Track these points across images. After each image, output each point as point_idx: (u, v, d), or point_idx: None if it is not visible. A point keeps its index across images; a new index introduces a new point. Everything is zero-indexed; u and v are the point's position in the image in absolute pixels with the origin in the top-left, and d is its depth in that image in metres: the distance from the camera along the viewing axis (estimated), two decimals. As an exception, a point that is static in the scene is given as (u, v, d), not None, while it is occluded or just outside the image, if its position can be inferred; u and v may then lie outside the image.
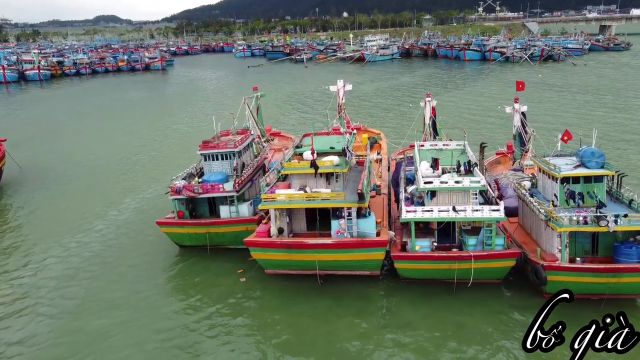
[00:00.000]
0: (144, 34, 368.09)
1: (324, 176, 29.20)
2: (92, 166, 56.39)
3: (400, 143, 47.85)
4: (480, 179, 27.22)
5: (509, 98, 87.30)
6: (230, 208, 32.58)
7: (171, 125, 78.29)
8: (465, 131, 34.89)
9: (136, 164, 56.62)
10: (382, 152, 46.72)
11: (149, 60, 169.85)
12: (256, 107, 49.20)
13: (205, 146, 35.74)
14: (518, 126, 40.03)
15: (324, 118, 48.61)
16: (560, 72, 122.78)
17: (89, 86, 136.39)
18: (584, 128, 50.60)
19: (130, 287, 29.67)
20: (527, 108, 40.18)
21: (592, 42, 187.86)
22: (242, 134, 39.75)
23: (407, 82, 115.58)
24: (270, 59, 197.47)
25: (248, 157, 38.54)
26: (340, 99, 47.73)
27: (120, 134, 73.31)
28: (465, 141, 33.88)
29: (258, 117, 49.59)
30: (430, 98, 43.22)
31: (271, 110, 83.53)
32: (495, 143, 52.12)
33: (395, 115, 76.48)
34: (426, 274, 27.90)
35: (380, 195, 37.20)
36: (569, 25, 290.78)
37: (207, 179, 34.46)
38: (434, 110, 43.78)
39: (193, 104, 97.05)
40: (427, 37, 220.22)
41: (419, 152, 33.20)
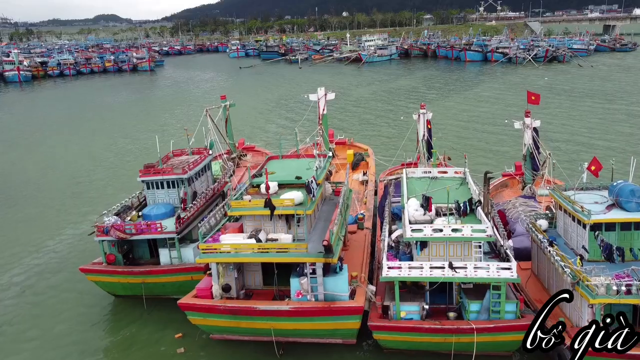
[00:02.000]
0: (138, 33, 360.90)
1: (284, 218, 22.67)
2: (38, 187, 49.19)
3: (391, 161, 41.26)
4: (486, 226, 20.65)
5: (514, 104, 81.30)
6: (172, 252, 26.08)
7: (138, 136, 69.91)
8: (465, 156, 28.30)
9: (86, 185, 48.82)
10: (369, 171, 40.19)
11: (136, 60, 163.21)
12: (225, 118, 42.69)
13: (147, 171, 29.17)
14: (529, 145, 33.54)
15: (307, 132, 42.15)
16: (567, 75, 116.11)
17: (69, 89, 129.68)
18: (613, 154, 42.82)
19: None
20: (540, 123, 33.59)
21: (598, 42, 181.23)
22: (199, 153, 33.25)
23: (405, 85, 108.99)
24: (264, 59, 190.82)
25: (204, 182, 32.03)
26: (322, 109, 41.20)
27: (81, 147, 65.22)
28: (466, 168, 27.32)
29: (227, 130, 43.10)
30: (424, 110, 36.73)
31: (253, 118, 76.88)
32: (500, 160, 45.56)
33: (388, 124, 69.87)
34: (415, 345, 21.44)
35: (363, 229, 30.77)
36: (572, 25, 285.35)
37: (147, 213, 27.96)
38: (429, 124, 37.28)
39: (171, 110, 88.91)
40: (426, 37, 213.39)
41: (407, 182, 26.63)
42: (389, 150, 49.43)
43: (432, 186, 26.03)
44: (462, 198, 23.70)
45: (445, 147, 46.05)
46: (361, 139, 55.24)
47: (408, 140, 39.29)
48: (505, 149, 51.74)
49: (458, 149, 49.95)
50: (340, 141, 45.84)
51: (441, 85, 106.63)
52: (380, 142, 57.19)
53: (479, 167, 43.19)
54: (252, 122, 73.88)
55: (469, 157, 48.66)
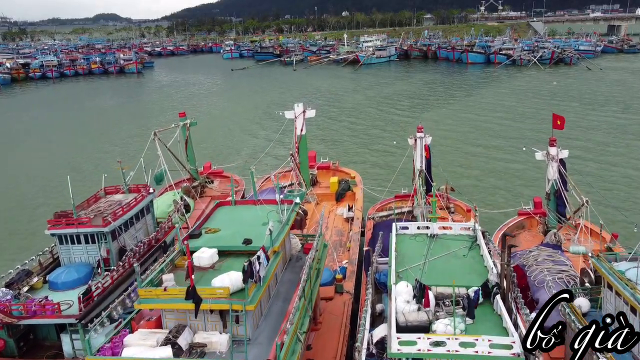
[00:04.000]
0: (133, 33, 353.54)
1: (217, 313, 15.76)
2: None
3: (383, 192, 34.33)
4: (511, 339, 13.62)
5: (524, 113, 73.56)
6: (75, 341, 19.22)
7: (93, 156, 58.18)
8: (476, 208, 21.36)
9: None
10: (355, 205, 33.25)
11: (123, 62, 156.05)
12: (185, 139, 35.73)
13: (58, 222, 22.29)
14: (555, 180, 26.60)
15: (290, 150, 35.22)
16: (577, 79, 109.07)
17: (48, 93, 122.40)
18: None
19: None
20: (568, 154, 26.64)
21: (605, 43, 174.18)
22: (137, 191, 26.36)
23: (403, 90, 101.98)
24: (258, 60, 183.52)
25: (141, 230, 25.13)
26: (299, 130, 34.28)
27: (20, 167, 55.83)
28: (476, 224, 20.36)
29: (188, 153, 36.15)
30: (422, 133, 29.77)
31: (236, 130, 69.43)
32: (514, 192, 38.49)
33: (381, 140, 60.58)
34: None
35: (342, 294, 23.95)
36: (576, 25, 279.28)
37: (53, 280, 21.10)
38: (427, 151, 30.36)
39: (145, 120, 77.95)
40: (427, 37, 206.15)
41: (397, 243, 19.65)
42: (380, 176, 42.51)
43: (431, 251, 19.09)
44: (473, 277, 16.81)
45: (447, 170, 39.20)
46: (349, 160, 48.38)
47: (402, 169, 32.37)
48: (520, 175, 44.41)
49: (461, 173, 43.08)
50: (324, 165, 38.88)
51: (442, 90, 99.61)
52: (371, 164, 50.06)
53: (487, 202, 36.32)
54: (233, 135, 66.80)
55: (474, 186, 41.54)
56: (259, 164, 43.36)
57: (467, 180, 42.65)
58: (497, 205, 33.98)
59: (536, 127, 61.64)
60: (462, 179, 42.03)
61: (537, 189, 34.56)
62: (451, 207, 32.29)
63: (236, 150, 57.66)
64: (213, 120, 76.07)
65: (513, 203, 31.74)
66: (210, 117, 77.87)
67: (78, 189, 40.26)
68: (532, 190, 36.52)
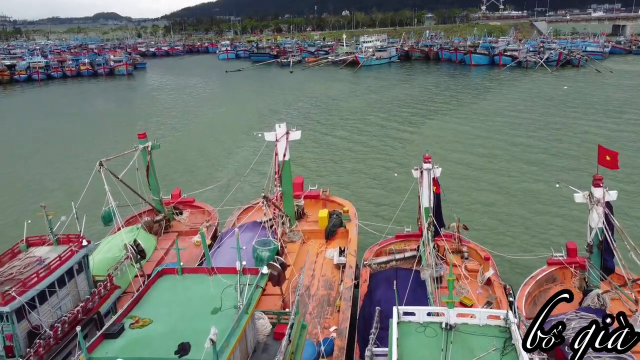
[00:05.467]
0: (129, 33, 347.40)
1: None
2: None
3: (385, 229, 28.56)
4: None
5: (538, 123, 65.88)
6: None
7: (41, 183, 48.59)
8: (509, 290, 15.60)
9: None
10: (348, 247, 27.49)
11: (113, 63, 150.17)
12: (145, 165, 30.00)
13: (-55, 298, 16.61)
14: (601, 229, 20.91)
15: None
16: (587, 82, 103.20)
17: (32, 97, 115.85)
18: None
19: None
20: (616, 195, 20.90)
21: (613, 44, 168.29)
22: (66, 242, 20.69)
23: (404, 95, 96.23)
24: (254, 61, 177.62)
25: (68, 298, 19.44)
26: (282, 154, 28.57)
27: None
28: (508, 311, 14.63)
29: (150, 181, 30.41)
30: (430, 164, 24.08)
31: (218, 146, 60.49)
32: (542, 235, 32.34)
33: (381, 162, 50.95)
34: None
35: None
36: (580, 24, 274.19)
37: None
38: (437, 185, 24.66)
39: (124, 131, 67.38)
40: (428, 37, 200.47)
41: (399, 337, 13.99)
42: (378, 208, 36.55)
43: (448, 352, 13.41)
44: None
45: (456, 201, 33.53)
46: (342, 186, 41.61)
47: (406, 204, 26.68)
48: (549, 212, 35.88)
49: (473, 206, 36.91)
50: (312, 194, 33.05)
51: (447, 96, 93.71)
52: (368, 193, 41.82)
53: (507, 244, 30.35)
54: (216, 150, 59.01)
55: (489, 226, 33.90)
56: (240, 187, 37.83)
57: (480, 214, 35.96)
58: (519, 247, 28.23)
59: (557, 143, 54.75)
60: (475, 213, 35.64)
61: (571, 232, 28.69)
62: (464, 251, 26.66)
63: (218, 169, 51.06)
64: (196, 132, 69.25)
65: (541, 248, 25.98)
66: (193, 130, 71.09)
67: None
68: (564, 233, 30.52)
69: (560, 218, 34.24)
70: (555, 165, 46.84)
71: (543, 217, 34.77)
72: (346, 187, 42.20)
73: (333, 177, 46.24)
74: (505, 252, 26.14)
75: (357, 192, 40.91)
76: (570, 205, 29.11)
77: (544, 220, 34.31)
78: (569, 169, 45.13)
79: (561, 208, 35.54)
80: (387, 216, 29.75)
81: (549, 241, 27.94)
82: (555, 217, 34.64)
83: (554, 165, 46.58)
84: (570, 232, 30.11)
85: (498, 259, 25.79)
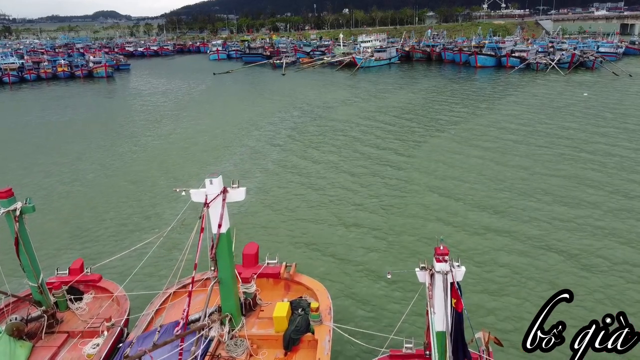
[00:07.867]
0: (122, 31, 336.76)
1: None
2: None
3: (374, 340, 18.48)
4: None
5: (563, 139, 51.00)
6: None
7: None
8: None
9: None
10: (318, 356, 17.46)
11: (93, 65, 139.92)
12: (14, 236, 19.97)
13: None
14: None
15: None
16: (607, 87, 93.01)
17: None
18: None
19: None
20: None
21: (627, 44, 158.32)
22: None
23: (404, 103, 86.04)
24: (246, 62, 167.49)
25: None
26: (215, 227, 18.52)
27: None
28: None
29: (21, 257, 20.35)
30: (446, 264, 14.07)
31: (151, 184, 44.13)
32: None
33: (372, 214, 34.18)
34: None
35: None
36: (587, 23, 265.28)
37: None
38: (456, 296, 14.59)
39: (71, 148, 57.32)
40: (430, 37, 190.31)
41: None
42: (369, 300, 25.93)
43: None
44: None
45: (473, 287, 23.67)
46: (316, 257, 27.45)
47: (412, 315, 16.65)
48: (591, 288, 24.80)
49: (501, 299, 26.28)
50: (271, 271, 22.88)
51: (451, 105, 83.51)
52: (353, 263, 27.22)
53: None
54: (148, 194, 41.18)
55: (523, 307, 21.78)
56: (172, 254, 27.71)
57: (514, 317, 22.15)
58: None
59: (605, 177, 41.13)
60: (504, 312, 22.78)
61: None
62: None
63: (146, 228, 33.29)
64: (157, 156, 53.67)
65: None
66: (155, 151, 56.10)
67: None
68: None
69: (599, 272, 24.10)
70: (607, 194, 36.48)
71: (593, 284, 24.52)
72: (322, 258, 27.94)
73: (307, 237, 30.85)
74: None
75: (338, 270, 26.47)
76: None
77: (593, 289, 24.08)
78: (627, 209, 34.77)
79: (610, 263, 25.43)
80: (379, 317, 19.63)
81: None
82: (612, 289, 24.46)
83: (607, 195, 36.21)
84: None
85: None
